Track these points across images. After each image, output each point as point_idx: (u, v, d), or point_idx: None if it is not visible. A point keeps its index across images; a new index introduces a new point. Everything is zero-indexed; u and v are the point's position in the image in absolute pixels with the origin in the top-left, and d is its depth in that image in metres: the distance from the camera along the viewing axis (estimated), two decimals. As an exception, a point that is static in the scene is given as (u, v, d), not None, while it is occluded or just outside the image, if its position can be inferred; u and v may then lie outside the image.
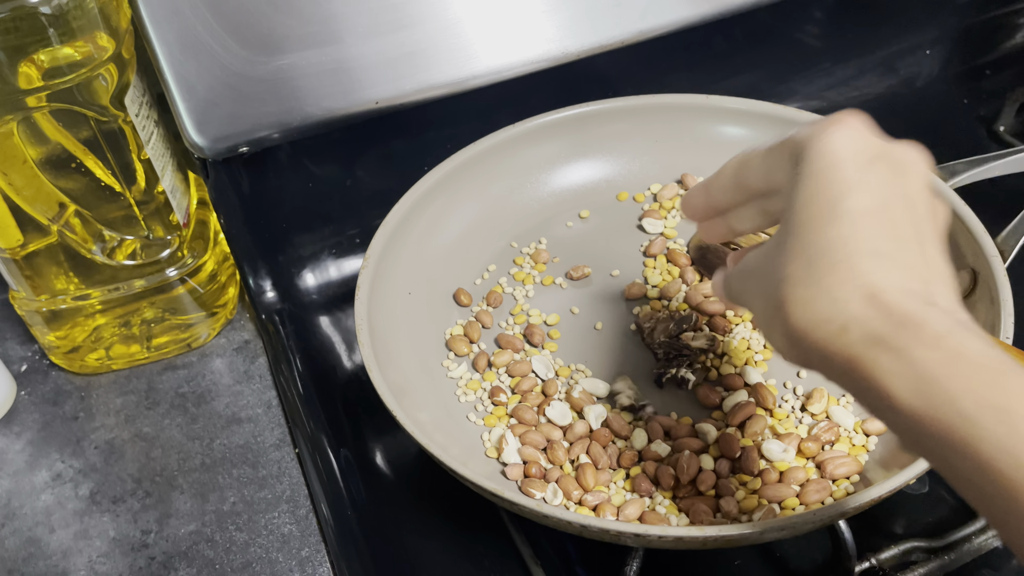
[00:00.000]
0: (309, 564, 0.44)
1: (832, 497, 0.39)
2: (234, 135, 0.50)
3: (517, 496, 0.37)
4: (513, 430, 0.44)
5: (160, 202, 0.50)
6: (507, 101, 0.54)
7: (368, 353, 0.43)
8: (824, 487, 0.40)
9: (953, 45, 0.71)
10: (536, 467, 0.43)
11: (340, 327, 0.56)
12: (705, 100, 0.54)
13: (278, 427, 0.51)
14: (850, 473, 0.41)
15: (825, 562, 0.41)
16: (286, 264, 0.58)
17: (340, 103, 0.51)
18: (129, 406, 0.52)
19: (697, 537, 0.35)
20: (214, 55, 0.48)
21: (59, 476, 0.49)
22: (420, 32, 0.51)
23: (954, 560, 0.40)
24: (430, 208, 0.52)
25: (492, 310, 0.51)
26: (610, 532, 0.36)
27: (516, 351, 0.48)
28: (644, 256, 0.53)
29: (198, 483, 0.48)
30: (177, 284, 0.52)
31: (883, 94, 0.68)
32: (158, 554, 0.45)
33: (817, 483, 0.40)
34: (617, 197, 0.55)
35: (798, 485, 0.40)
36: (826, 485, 0.40)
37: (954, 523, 0.41)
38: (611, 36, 0.55)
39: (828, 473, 0.40)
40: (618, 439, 0.44)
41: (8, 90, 0.42)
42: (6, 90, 0.42)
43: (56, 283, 0.50)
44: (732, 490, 0.41)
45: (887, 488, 0.35)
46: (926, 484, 0.44)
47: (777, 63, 0.66)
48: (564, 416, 0.45)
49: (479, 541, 0.44)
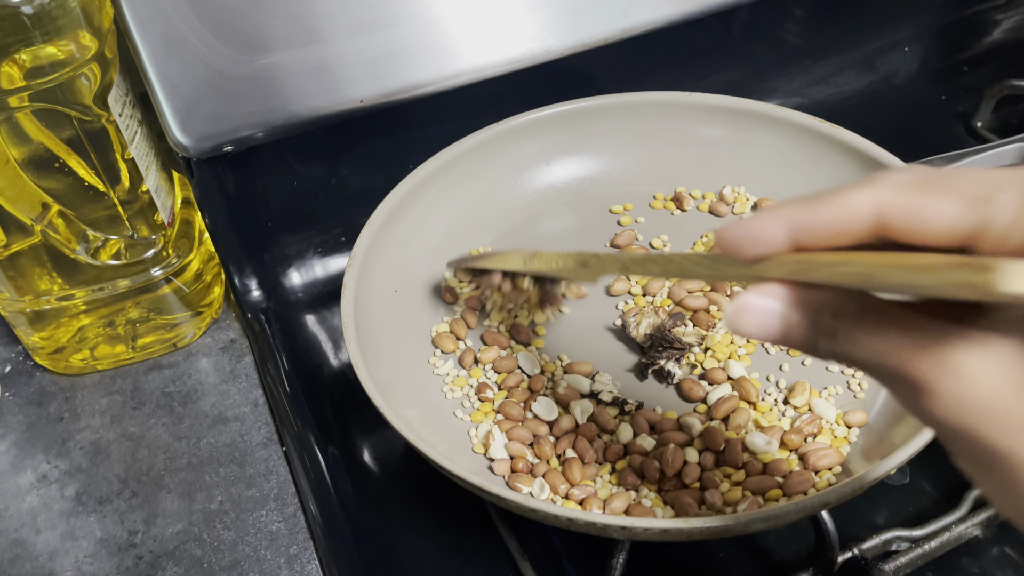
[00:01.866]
0: (297, 562, 0.44)
1: (815, 488, 0.40)
2: (218, 134, 0.50)
3: (504, 491, 0.37)
4: (500, 426, 0.44)
5: (144, 202, 0.50)
6: (491, 99, 0.55)
7: (355, 351, 0.43)
8: (807, 478, 0.40)
9: (931, 42, 0.71)
10: (523, 462, 0.43)
11: (326, 325, 0.56)
12: (687, 97, 0.55)
13: (265, 426, 0.51)
14: (832, 464, 0.41)
15: (808, 553, 0.42)
16: (271, 263, 0.58)
17: (324, 102, 0.51)
18: (115, 406, 0.52)
19: (683, 529, 0.35)
20: (198, 54, 0.48)
21: (45, 477, 0.49)
22: (404, 31, 0.51)
23: (935, 549, 0.41)
24: (415, 206, 0.52)
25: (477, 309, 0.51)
26: (596, 525, 0.36)
27: (502, 348, 0.49)
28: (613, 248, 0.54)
29: (185, 482, 0.48)
30: (162, 284, 0.52)
31: (863, 91, 0.69)
32: (145, 554, 0.45)
33: (800, 474, 0.41)
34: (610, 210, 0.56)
35: (781, 476, 0.41)
36: (809, 476, 0.40)
37: (935, 513, 0.42)
38: (594, 34, 0.55)
39: (811, 464, 0.41)
40: (604, 433, 0.44)
41: (-10, 90, 0.42)
42: (-12, 90, 0.42)
43: (40, 283, 0.50)
44: (716, 482, 0.41)
45: (869, 478, 0.36)
46: (907, 475, 0.45)
47: (758, 61, 0.67)
48: (550, 411, 0.45)
49: (467, 536, 0.45)
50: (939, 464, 0.44)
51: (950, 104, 0.68)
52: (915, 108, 0.68)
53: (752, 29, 0.64)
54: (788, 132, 0.53)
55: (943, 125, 0.66)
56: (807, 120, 0.52)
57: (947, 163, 0.51)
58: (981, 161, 0.52)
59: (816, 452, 0.41)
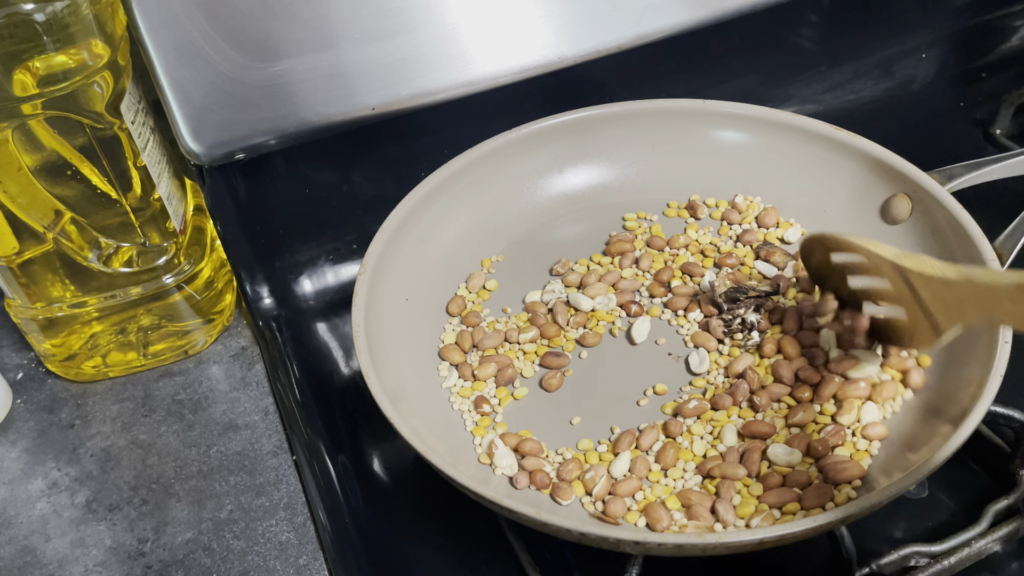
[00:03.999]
0: (307, 572, 0.44)
1: (834, 502, 0.39)
2: (230, 141, 0.50)
3: (514, 503, 0.37)
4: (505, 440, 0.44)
5: (156, 209, 0.50)
6: (503, 106, 0.54)
7: (365, 359, 0.42)
8: (826, 492, 0.40)
9: (949, 48, 0.71)
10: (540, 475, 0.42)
11: (337, 333, 0.56)
12: (702, 105, 0.54)
13: (275, 434, 0.50)
14: (852, 478, 0.40)
15: (825, 567, 0.41)
16: (283, 270, 0.58)
17: (336, 109, 0.51)
18: (125, 413, 0.52)
19: (697, 544, 0.35)
20: (210, 61, 0.48)
21: (55, 484, 0.49)
22: (417, 38, 0.51)
23: (954, 565, 0.40)
24: (427, 214, 0.51)
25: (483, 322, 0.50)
26: (609, 540, 0.36)
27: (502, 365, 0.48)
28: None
29: (195, 491, 0.48)
30: (174, 291, 0.52)
31: (879, 97, 0.68)
32: (155, 563, 0.45)
33: (818, 487, 0.40)
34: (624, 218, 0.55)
35: (800, 488, 0.40)
36: (828, 490, 0.40)
37: (954, 528, 0.41)
38: (607, 41, 0.55)
39: (831, 478, 0.40)
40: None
41: (3, 97, 0.42)
42: (1, 97, 0.42)
43: (52, 290, 0.50)
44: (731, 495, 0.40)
45: (888, 494, 0.35)
46: (926, 488, 0.44)
47: (773, 67, 0.66)
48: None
49: (477, 548, 0.44)
50: (959, 478, 0.44)
51: (968, 111, 0.67)
52: (933, 115, 0.67)
53: (767, 35, 0.64)
54: (804, 140, 0.53)
55: (961, 132, 0.65)
56: (823, 128, 0.52)
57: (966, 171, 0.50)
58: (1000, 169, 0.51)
59: (836, 465, 0.40)
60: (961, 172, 0.49)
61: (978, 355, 0.40)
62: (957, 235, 0.45)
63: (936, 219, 0.47)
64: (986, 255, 0.43)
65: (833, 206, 0.52)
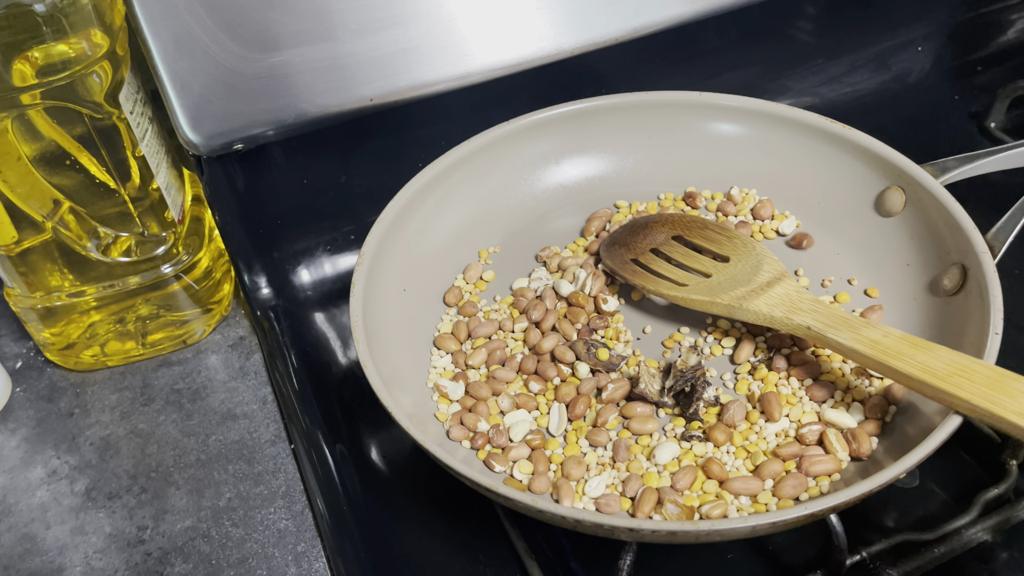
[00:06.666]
0: (305, 559, 0.44)
1: (807, 494, 0.40)
2: (228, 132, 0.50)
3: (511, 491, 0.37)
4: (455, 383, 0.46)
5: (155, 199, 0.50)
6: (501, 98, 0.55)
7: (363, 350, 0.43)
8: (800, 483, 0.40)
9: (945, 41, 0.71)
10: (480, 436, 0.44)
11: (335, 323, 0.56)
12: (698, 97, 0.55)
13: (273, 423, 0.51)
14: (828, 472, 0.41)
15: (817, 555, 0.42)
16: (281, 261, 0.58)
17: (335, 100, 0.51)
18: (124, 402, 0.52)
19: (690, 531, 0.35)
20: (208, 52, 0.48)
21: (55, 472, 0.49)
22: (414, 29, 0.51)
23: (944, 553, 0.41)
24: (424, 205, 0.52)
25: (479, 312, 0.51)
26: (604, 527, 0.36)
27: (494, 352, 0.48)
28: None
29: (194, 479, 0.48)
30: (172, 281, 0.52)
31: (875, 90, 0.68)
32: (154, 550, 0.45)
33: (793, 478, 0.40)
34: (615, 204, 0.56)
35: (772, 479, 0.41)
36: (803, 481, 0.40)
37: (944, 516, 0.42)
38: (605, 33, 0.55)
39: (805, 470, 0.41)
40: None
41: (2, 87, 0.42)
42: (0, 87, 0.42)
43: (51, 280, 0.50)
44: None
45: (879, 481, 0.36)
46: (917, 477, 0.44)
47: (770, 60, 0.66)
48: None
49: (474, 535, 0.45)
50: (950, 467, 0.44)
51: (963, 104, 0.67)
52: (928, 108, 0.67)
53: (764, 28, 0.64)
54: (799, 132, 0.53)
55: (956, 125, 0.66)
56: (818, 120, 0.52)
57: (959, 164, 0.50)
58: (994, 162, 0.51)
59: (811, 458, 0.41)
60: (955, 165, 0.50)
61: (968, 346, 0.41)
62: (950, 228, 0.46)
63: (929, 212, 0.48)
64: (978, 248, 0.43)
65: (828, 198, 0.52)
